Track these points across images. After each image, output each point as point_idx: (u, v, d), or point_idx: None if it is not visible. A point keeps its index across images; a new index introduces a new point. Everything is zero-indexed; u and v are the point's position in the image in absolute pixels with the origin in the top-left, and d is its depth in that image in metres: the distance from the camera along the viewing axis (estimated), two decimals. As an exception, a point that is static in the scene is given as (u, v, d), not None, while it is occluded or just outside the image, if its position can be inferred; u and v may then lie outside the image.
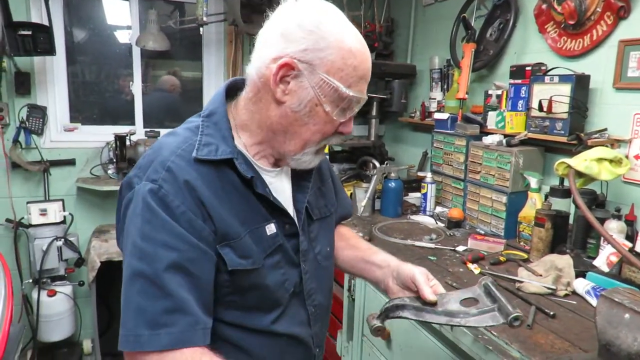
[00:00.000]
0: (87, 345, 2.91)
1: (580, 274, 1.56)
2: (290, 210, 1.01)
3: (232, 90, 0.98)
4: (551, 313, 1.33)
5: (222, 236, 0.87)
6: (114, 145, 2.77)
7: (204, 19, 2.44)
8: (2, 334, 1.10)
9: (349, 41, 0.86)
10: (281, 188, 1.01)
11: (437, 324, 0.93)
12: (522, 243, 1.93)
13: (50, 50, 2.47)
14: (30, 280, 2.63)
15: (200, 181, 0.85)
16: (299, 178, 1.05)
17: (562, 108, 1.83)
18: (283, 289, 0.97)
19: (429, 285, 0.98)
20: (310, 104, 0.87)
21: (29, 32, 2.34)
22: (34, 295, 2.61)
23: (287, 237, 0.98)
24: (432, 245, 1.92)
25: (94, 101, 3.10)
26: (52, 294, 2.60)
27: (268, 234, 0.94)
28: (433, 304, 0.95)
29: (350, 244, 1.23)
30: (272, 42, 0.87)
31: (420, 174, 2.74)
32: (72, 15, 2.95)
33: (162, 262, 0.79)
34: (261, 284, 0.93)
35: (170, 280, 0.79)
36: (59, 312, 2.64)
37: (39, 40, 2.38)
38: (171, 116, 3.24)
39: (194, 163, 0.86)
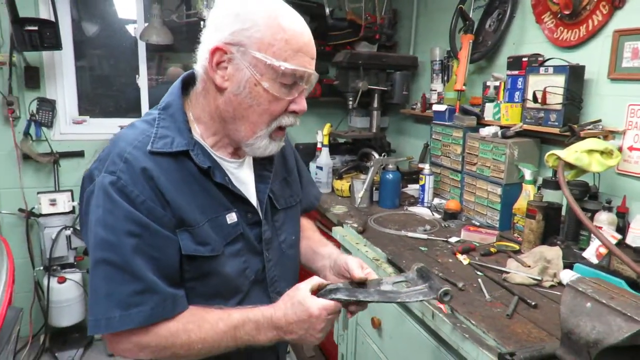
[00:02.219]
0: (96, 330, 3.01)
1: (569, 265, 1.56)
2: (254, 200, 1.03)
3: (189, 84, 1.00)
4: (533, 303, 1.35)
5: (179, 222, 0.90)
6: (120, 137, 2.84)
7: (204, 12, 2.48)
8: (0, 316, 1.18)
9: (277, 16, 0.88)
10: (243, 179, 1.03)
11: (370, 301, 0.94)
12: (516, 235, 1.93)
13: (57, 45, 2.55)
14: (41, 268, 2.74)
15: (158, 171, 0.88)
16: (260, 168, 1.08)
17: (556, 99, 1.82)
18: (243, 277, 1.00)
19: (361, 270, 1.01)
20: (249, 85, 0.89)
21: (35, 28, 2.42)
22: (45, 282, 2.72)
23: (250, 226, 1.01)
24: (425, 237, 1.94)
25: (102, 94, 3.18)
26: (62, 280, 2.70)
27: (228, 222, 0.96)
28: (363, 285, 0.99)
29: (305, 235, 1.26)
30: (206, 37, 0.91)
31: (421, 165, 2.74)
32: (83, 10, 3.02)
33: (127, 248, 0.83)
34: (221, 271, 0.95)
35: (136, 264, 0.83)
36: (68, 298, 2.74)
37: (45, 35, 2.46)
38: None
39: (150, 155, 0.88)
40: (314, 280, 0.95)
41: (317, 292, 0.94)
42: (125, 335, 0.85)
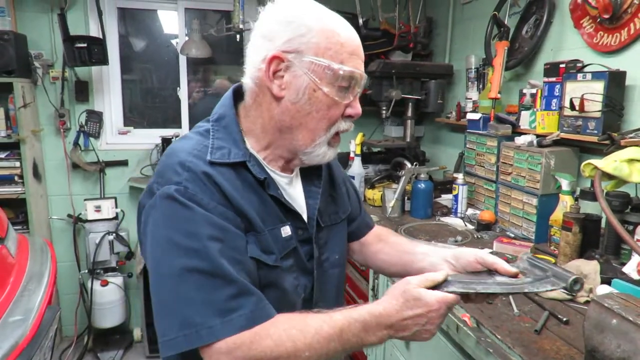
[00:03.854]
0: (137, 332, 3.14)
1: (607, 280, 1.48)
2: (304, 216, 1.01)
3: (239, 95, 0.99)
4: (564, 319, 1.28)
5: (247, 226, 0.88)
6: (161, 147, 2.97)
7: (241, 26, 2.56)
8: (39, 314, 1.26)
9: (329, 22, 0.89)
10: (293, 195, 1.01)
11: (491, 293, 0.87)
12: (552, 247, 1.85)
13: (104, 61, 2.71)
14: (86, 271, 2.88)
15: (221, 178, 0.86)
16: (309, 184, 1.05)
17: (595, 106, 1.74)
18: (296, 294, 0.97)
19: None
20: (308, 91, 0.88)
21: (85, 45, 2.58)
22: (89, 284, 2.86)
23: (300, 243, 0.98)
24: (456, 247, 1.89)
25: (146, 105, 3.34)
26: (104, 284, 2.84)
27: (283, 235, 0.94)
28: (514, 276, 0.90)
29: (390, 241, 1.21)
30: (258, 47, 0.90)
31: (456, 175, 2.68)
32: (130, 26, 3.19)
33: (214, 253, 0.80)
34: (280, 284, 0.92)
35: (226, 268, 0.80)
36: (110, 300, 2.87)
37: (93, 51, 2.62)
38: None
39: (209, 164, 0.87)
40: (426, 276, 0.87)
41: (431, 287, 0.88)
42: (229, 351, 0.78)
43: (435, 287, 0.86)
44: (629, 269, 1.50)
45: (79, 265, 3.02)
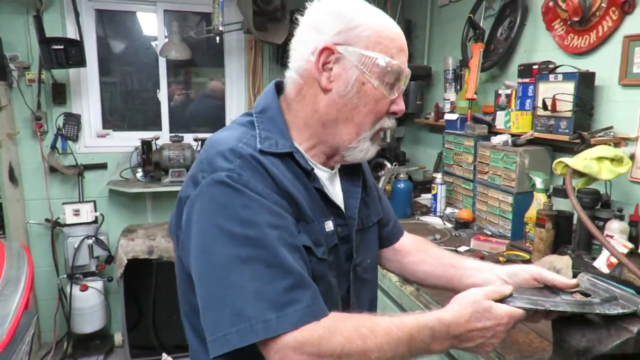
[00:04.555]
0: (117, 337, 3.10)
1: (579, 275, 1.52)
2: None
3: (279, 90, 0.97)
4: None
5: (298, 216, 0.86)
6: (141, 150, 2.95)
7: (220, 28, 2.56)
8: (15, 319, 1.25)
9: (379, 16, 0.89)
10: (334, 192, 0.98)
11: (560, 311, 0.85)
12: (527, 244, 1.90)
13: (82, 63, 2.68)
14: (65, 276, 2.84)
15: (272, 167, 0.84)
16: (348, 183, 1.02)
17: (566, 106, 1.79)
18: (337, 292, 0.93)
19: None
20: (357, 84, 0.87)
21: (61, 47, 2.55)
22: (68, 289, 2.82)
23: (340, 240, 0.94)
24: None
25: (125, 108, 3.31)
26: (84, 288, 2.80)
27: (327, 230, 0.91)
28: (574, 287, 0.90)
29: (432, 253, 1.17)
30: (306, 39, 0.89)
31: (435, 174, 2.73)
32: (109, 28, 3.16)
33: (273, 241, 0.76)
34: (327, 278, 0.89)
35: (286, 257, 0.76)
36: (90, 305, 2.83)
37: (70, 53, 2.59)
38: (200, 121, 3.41)
39: (259, 153, 0.84)
40: (493, 288, 0.86)
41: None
42: (298, 346, 0.72)
43: (501, 300, 0.84)
44: (600, 263, 1.55)
45: (57, 270, 2.97)
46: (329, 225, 0.91)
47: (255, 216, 0.77)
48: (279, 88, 0.97)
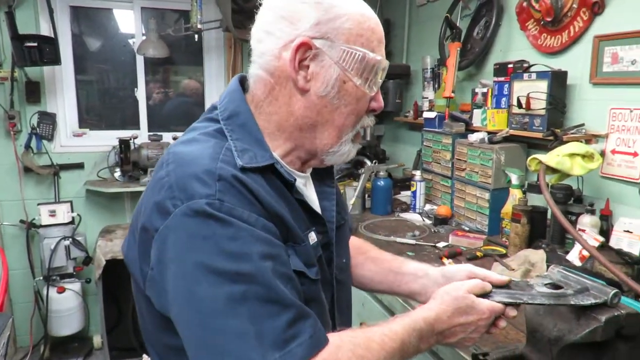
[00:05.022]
0: (97, 340, 3.06)
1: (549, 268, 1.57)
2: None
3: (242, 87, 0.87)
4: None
5: (286, 238, 0.77)
6: (119, 149, 2.90)
7: (199, 26, 2.54)
8: (-11, 322, 1.22)
9: (358, 4, 0.80)
10: (311, 197, 0.91)
11: (537, 304, 0.86)
12: (504, 239, 1.94)
13: (56, 60, 2.62)
14: (41, 278, 2.78)
15: (255, 186, 0.73)
16: (321, 184, 0.95)
17: (540, 104, 1.84)
18: (328, 308, 0.88)
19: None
20: (338, 83, 0.78)
21: (35, 44, 2.49)
22: (44, 292, 2.76)
23: (322, 248, 0.88)
24: (414, 242, 1.95)
25: (102, 107, 3.26)
26: (61, 290, 2.75)
27: (311, 242, 0.84)
28: (508, 288, 0.91)
29: (372, 256, 1.12)
30: (275, 31, 0.78)
31: (414, 172, 2.76)
32: (84, 25, 3.10)
33: (267, 274, 0.68)
34: (320, 300, 0.83)
35: (281, 290, 0.68)
36: (68, 307, 2.78)
37: (44, 51, 2.53)
38: (177, 120, 3.37)
39: (240, 170, 0.73)
40: (475, 282, 0.86)
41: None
42: None
43: (482, 295, 0.86)
44: (572, 256, 1.60)
45: (33, 272, 2.90)
46: (312, 237, 0.85)
47: (246, 248, 0.68)
48: (243, 85, 0.86)
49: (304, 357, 0.66)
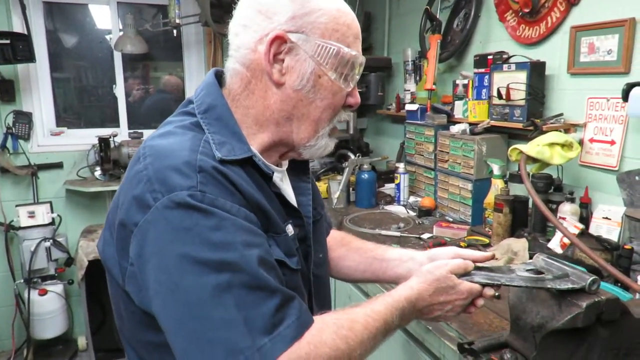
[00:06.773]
0: (81, 341, 3.02)
1: (535, 256, 1.60)
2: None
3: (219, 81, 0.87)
4: (496, 294, 1.37)
5: (267, 228, 0.79)
6: (98, 147, 2.85)
7: (177, 21, 2.50)
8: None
9: (334, 0, 0.81)
10: (287, 191, 0.92)
11: (514, 286, 0.89)
12: (487, 229, 1.97)
13: (30, 58, 2.56)
14: (22, 281, 2.73)
15: (235, 177, 0.74)
16: (296, 180, 0.96)
17: (519, 95, 1.86)
18: (306, 299, 0.89)
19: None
20: (313, 77, 0.79)
21: (7, 42, 2.42)
22: (26, 294, 2.70)
23: (299, 242, 0.89)
24: (399, 234, 1.97)
25: (80, 105, 3.19)
26: (43, 293, 2.70)
27: (289, 235, 0.85)
28: (490, 259, 0.95)
29: (354, 247, 1.13)
30: (251, 25, 0.79)
31: (398, 164, 2.78)
32: (59, 21, 3.02)
33: (253, 262, 0.68)
34: (300, 289, 0.84)
35: (267, 277, 0.69)
36: (50, 310, 2.73)
37: (18, 48, 2.47)
38: (158, 116, 3.33)
39: (219, 163, 0.74)
40: (457, 262, 0.89)
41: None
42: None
43: (462, 275, 0.89)
44: (553, 244, 1.63)
45: (13, 275, 2.84)
46: (289, 230, 0.85)
47: (229, 237, 0.68)
48: (219, 78, 0.87)
49: (293, 339, 0.68)
